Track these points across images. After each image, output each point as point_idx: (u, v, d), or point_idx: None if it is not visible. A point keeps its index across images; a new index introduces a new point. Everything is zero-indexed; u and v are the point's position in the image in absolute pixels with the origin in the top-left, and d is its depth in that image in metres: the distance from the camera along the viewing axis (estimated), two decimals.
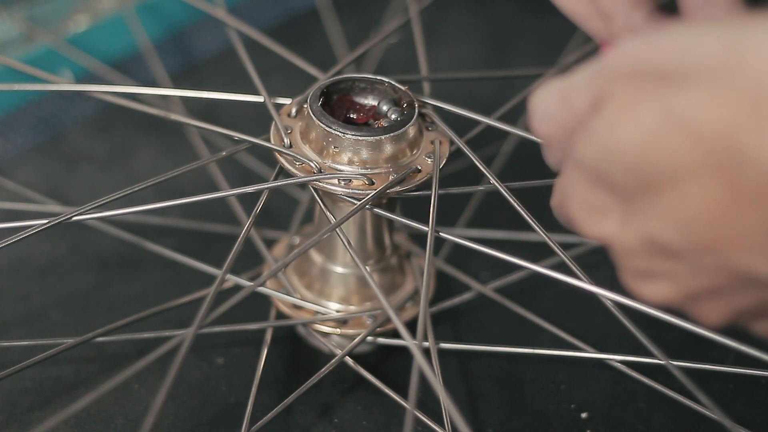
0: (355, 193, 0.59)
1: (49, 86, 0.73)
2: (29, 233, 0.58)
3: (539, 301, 0.71)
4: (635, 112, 0.40)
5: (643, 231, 0.42)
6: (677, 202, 0.40)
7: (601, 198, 0.44)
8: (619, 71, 0.41)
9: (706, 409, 0.61)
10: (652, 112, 0.40)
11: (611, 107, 0.41)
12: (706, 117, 0.38)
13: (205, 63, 0.93)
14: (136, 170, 0.82)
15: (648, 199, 0.41)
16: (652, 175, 0.40)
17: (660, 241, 0.42)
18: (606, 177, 0.42)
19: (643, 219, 0.42)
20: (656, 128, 0.40)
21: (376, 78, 0.62)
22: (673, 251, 0.42)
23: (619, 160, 0.41)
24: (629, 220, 0.43)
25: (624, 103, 0.41)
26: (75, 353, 0.66)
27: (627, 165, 0.41)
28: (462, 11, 1.01)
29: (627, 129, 0.40)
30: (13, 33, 0.86)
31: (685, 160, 0.39)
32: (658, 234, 0.42)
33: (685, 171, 0.40)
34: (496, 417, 0.65)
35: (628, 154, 0.41)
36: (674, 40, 0.40)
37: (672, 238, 0.41)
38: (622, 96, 0.41)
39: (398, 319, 0.53)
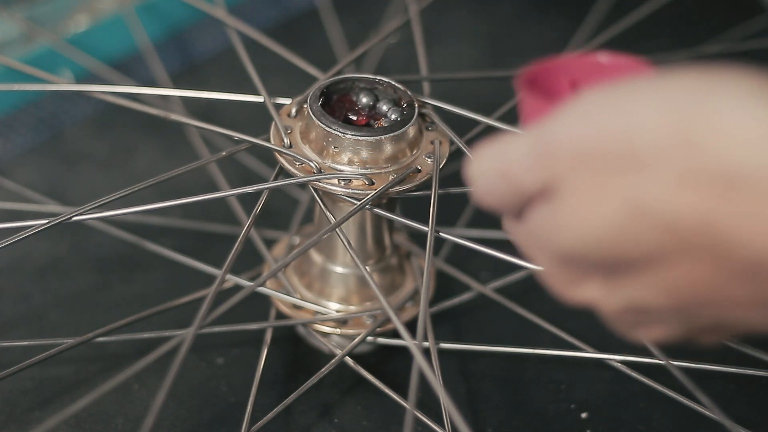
0: (355, 193, 0.59)
1: (49, 86, 0.73)
2: (29, 233, 0.58)
3: (539, 301, 0.71)
4: (596, 205, 0.39)
5: (627, 298, 0.42)
6: (659, 278, 0.40)
7: (574, 274, 0.43)
8: (564, 156, 0.40)
9: (706, 409, 0.61)
10: (613, 204, 0.39)
11: (570, 199, 0.40)
12: (673, 206, 0.37)
13: (205, 63, 0.93)
14: (136, 170, 0.82)
15: (627, 275, 0.41)
16: (626, 259, 0.40)
17: (647, 306, 0.41)
18: (576, 261, 0.41)
19: (625, 289, 0.41)
20: (621, 220, 0.39)
21: (376, 78, 0.62)
22: (663, 312, 0.41)
23: (590, 250, 0.40)
24: (611, 289, 0.42)
25: (582, 195, 0.39)
26: (75, 353, 0.66)
27: (599, 254, 0.40)
28: (462, 11, 1.01)
29: (592, 223, 0.39)
30: (13, 33, 0.86)
31: (659, 247, 0.38)
32: (645, 301, 0.41)
33: (663, 256, 0.39)
34: (496, 417, 0.65)
35: (599, 245, 0.40)
36: (616, 121, 0.38)
37: (660, 304, 0.41)
38: (577, 187, 0.39)
39: (398, 319, 0.54)
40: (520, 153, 0.41)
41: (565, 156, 0.39)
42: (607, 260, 0.40)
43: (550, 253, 0.43)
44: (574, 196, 0.40)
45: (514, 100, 0.70)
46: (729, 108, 0.36)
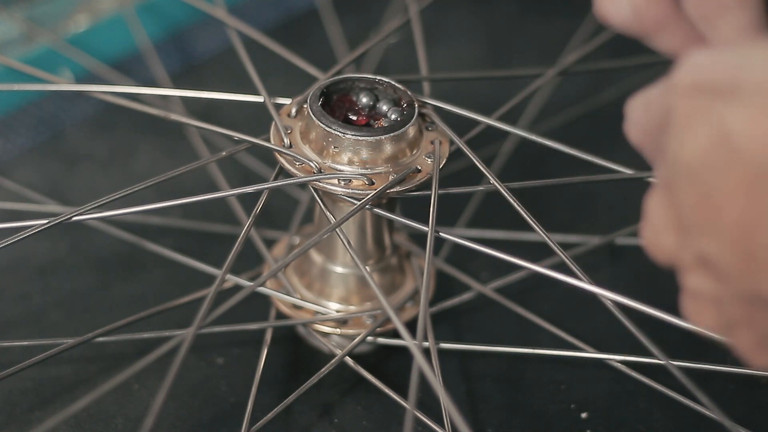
0: (355, 193, 0.59)
1: (49, 86, 0.73)
2: (29, 233, 0.58)
3: (539, 301, 0.71)
4: (692, 128, 0.41)
5: (696, 248, 0.43)
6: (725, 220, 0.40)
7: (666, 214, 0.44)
8: (682, 84, 0.42)
9: (706, 409, 0.61)
10: (705, 128, 0.40)
11: (675, 122, 0.42)
12: (748, 134, 0.39)
13: (205, 63, 0.93)
14: (136, 170, 0.82)
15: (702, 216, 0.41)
16: (706, 192, 0.41)
17: (709, 259, 0.42)
18: (673, 192, 0.43)
19: (696, 237, 0.42)
20: (708, 144, 0.40)
21: (376, 78, 0.62)
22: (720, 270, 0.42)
23: (681, 175, 0.42)
24: (685, 236, 0.43)
25: (683, 118, 0.41)
26: (75, 353, 0.66)
27: (687, 181, 0.41)
28: (462, 11, 1.01)
29: (686, 145, 0.41)
30: (13, 33, 0.86)
31: (729, 177, 0.40)
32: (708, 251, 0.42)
33: (730, 189, 0.40)
34: (496, 417, 0.65)
35: (688, 169, 0.41)
36: (731, 58, 0.40)
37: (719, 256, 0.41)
38: (682, 110, 0.42)
39: (398, 319, 0.53)
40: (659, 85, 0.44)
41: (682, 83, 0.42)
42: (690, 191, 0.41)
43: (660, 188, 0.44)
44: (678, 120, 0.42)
45: (514, 100, 0.70)
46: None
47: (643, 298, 0.54)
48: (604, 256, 0.76)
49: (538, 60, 0.91)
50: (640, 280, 0.75)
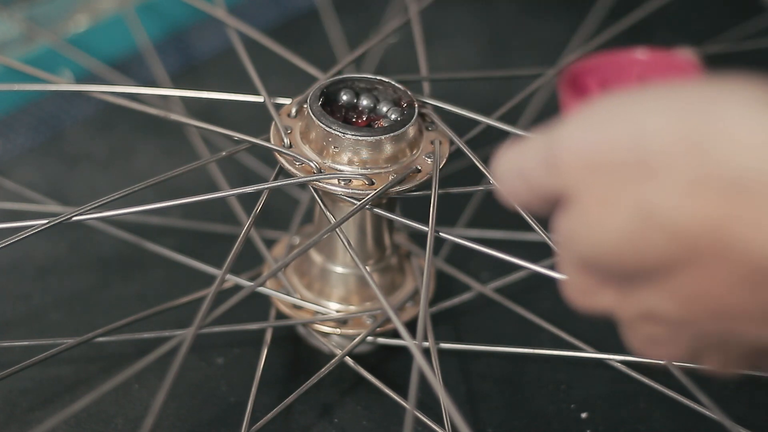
0: (355, 193, 0.59)
1: (49, 86, 0.73)
2: (29, 233, 0.58)
3: (539, 301, 0.71)
4: (607, 213, 0.39)
5: (641, 306, 0.42)
6: (672, 287, 0.40)
7: (592, 281, 0.43)
8: (574, 164, 0.40)
9: (706, 409, 0.61)
10: (624, 211, 0.39)
11: (582, 207, 0.40)
12: (682, 214, 0.38)
13: (205, 63, 0.93)
14: (136, 170, 0.82)
15: (641, 283, 0.41)
16: (640, 268, 0.40)
17: (660, 315, 0.41)
18: (595, 267, 0.42)
19: (639, 297, 0.42)
20: (632, 227, 0.39)
21: (376, 78, 0.62)
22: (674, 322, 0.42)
23: (603, 257, 0.40)
24: (625, 297, 0.42)
25: (593, 203, 0.40)
26: (75, 353, 0.66)
27: (612, 261, 0.40)
28: (462, 11, 1.01)
29: (604, 231, 0.40)
30: (13, 33, 0.86)
31: (670, 254, 0.39)
32: (657, 309, 0.41)
33: (674, 263, 0.39)
34: (496, 417, 0.65)
35: (611, 252, 0.40)
36: (624, 129, 0.39)
37: (672, 313, 0.41)
38: (588, 194, 0.40)
39: (398, 319, 0.54)
40: (534, 157, 0.42)
41: (575, 164, 0.40)
42: (619, 268, 0.40)
43: (570, 259, 0.43)
44: (585, 203, 0.40)
45: (514, 100, 0.70)
46: (736, 114, 0.37)
47: None
48: None
49: (538, 60, 0.91)
50: None
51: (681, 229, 0.38)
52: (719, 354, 0.43)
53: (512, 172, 0.44)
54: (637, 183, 0.38)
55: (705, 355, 0.44)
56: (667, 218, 0.38)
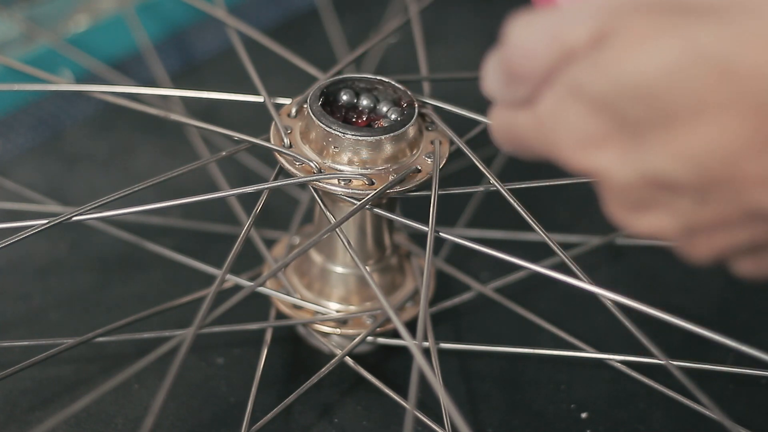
0: (355, 193, 0.59)
1: (49, 86, 0.73)
2: (29, 233, 0.58)
3: (539, 301, 0.71)
4: (655, 43, 0.39)
5: (646, 165, 0.41)
6: (694, 137, 0.39)
7: (599, 129, 0.42)
8: (629, 6, 0.39)
9: (706, 409, 0.61)
10: (674, 44, 0.38)
11: (625, 39, 0.39)
12: (740, 54, 0.37)
13: (205, 63, 0.93)
14: (136, 170, 0.82)
15: (658, 132, 0.40)
16: (670, 107, 0.39)
17: (665, 177, 0.40)
18: (613, 108, 0.41)
19: (648, 153, 0.41)
20: (680, 60, 0.38)
21: (376, 78, 0.62)
22: (679, 186, 0.41)
23: (633, 90, 0.39)
24: (631, 153, 0.41)
25: (642, 35, 0.39)
26: (75, 353, 0.66)
27: (642, 96, 0.39)
28: (462, 11, 1.01)
29: (646, 60, 0.39)
30: (13, 33, 0.86)
31: (710, 93, 0.38)
32: (665, 169, 0.40)
33: (710, 105, 0.38)
34: (496, 417, 0.65)
35: (646, 84, 0.39)
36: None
37: (681, 174, 0.40)
38: (638, 28, 0.39)
39: (398, 319, 0.53)
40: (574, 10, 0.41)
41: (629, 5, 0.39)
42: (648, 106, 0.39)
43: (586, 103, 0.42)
44: (631, 36, 0.39)
45: None
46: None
47: (643, 298, 0.54)
48: (604, 256, 0.76)
49: None
50: (640, 280, 0.75)
51: (734, 70, 0.37)
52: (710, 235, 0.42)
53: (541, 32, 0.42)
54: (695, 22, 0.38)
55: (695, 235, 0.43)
56: (722, 58, 0.37)
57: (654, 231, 0.43)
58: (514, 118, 0.46)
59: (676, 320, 0.54)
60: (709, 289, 0.74)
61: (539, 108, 0.44)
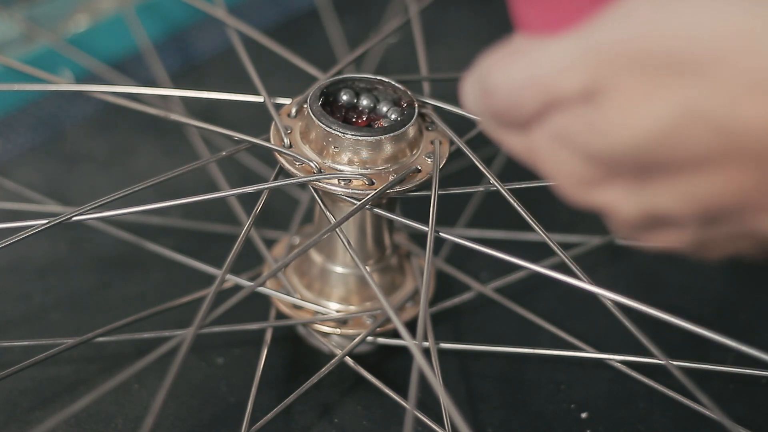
0: (355, 193, 0.59)
1: (49, 86, 0.73)
2: (29, 233, 0.58)
3: (539, 301, 0.71)
4: (648, 106, 0.38)
5: (650, 204, 0.41)
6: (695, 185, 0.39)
7: (597, 174, 0.42)
8: (615, 61, 0.39)
9: (706, 409, 0.61)
10: (667, 105, 0.38)
11: (618, 101, 0.39)
12: (733, 110, 0.37)
13: (205, 63, 0.93)
14: (136, 170, 0.82)
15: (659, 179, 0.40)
16: (669, 162, 0.39)
17: (670, 214, 0.41)
18: (609, 161, 0.41)
19: (651, 195, 0.41)
20: (674, 121, 0.38)
21: (376, 78, 0.62)
22: (685, 220, 0.41)
23: (629, 150, 0.39)
24: (633, 194, 0.41)
25: (633, 98, 0.39)
26: (75, 353, 0.66)
27: (640, 153, 0.39)
28: (462, 11, 1.01)
29: (641, 123, 0.39)
30: (13, 33, 0.86)
31: (708, 150, 0.38)
32: (669, 208, 0.40)
33: (709, 159, 0.38)
34: (496, 417, 0.65)
35: (643, 146, 0.39)
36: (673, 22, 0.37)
37: (685, 212, 0.40)
38: (628, 89, 0.39)
39: (398, 319, 0.53)
40: (561, 60, 0.40)
41: (617, 60, 0.39)
42: (647, 163, 0.39)
43: (580, 154, 0.41)
44: (624, 97, 0.39)
45: None
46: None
47: (643, 298, 0.54)
48: (604, 256, 0.76)
49: None
50: (640, 280, 0.75)
51: (730, 127, 0.37)
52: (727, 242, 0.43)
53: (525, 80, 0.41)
54: (685, 78, 0.37)
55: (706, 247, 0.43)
56: (716, 114, 0.37)
57: (665, 245, 0.44)
58: (505, 136, 0.45)
59: (676, 320, 0.54)
60: (709, 289, 0.74)
61: (531, 140, 0.44)
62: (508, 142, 0.45)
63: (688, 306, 0.73)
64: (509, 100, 0.42)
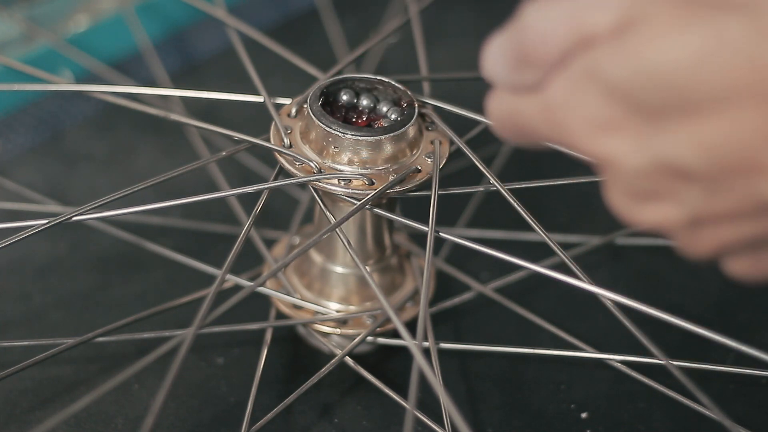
0: (355, 193, 0.59)
1: (49, 86, 0.73)
2: (29, 233, 0.58)
3: (539, 301, 0.71)
4: (682, 33, 0.38)
5: (660, 153, 0.40)
6: (712, 126, 0.39)
7: (614, 114, 0.41)
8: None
9: (706, 409, 0.61)
10: (702, 34, 0.38)
11: (651, 28, 0.39)
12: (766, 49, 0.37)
13: (205, 63, 0.93)
14: (136, 170, 0.82)
15: (675, 120, 0.40)
16: (691, 96, 0.39)
17: (680, 165, 0.40)
18: (631, 94, 0.40)
19: (663, 140, 0.40)
20: (706, 50, 0.38)
21: (376, 78, 0.62)
22: (693, 175, 0.40)
23: (655, 78, 0.39)
24: (646, 140, 0.41)
25: (668, 24, 0.38)
26: (75, 353, 0.66)
27: (664, 84, 0.39)
28: (462, 11, 1.01)
29: (672, 48, 0.38)
30: (13, 33, 0.86)
31: (734, 85, 0.38)
32: (680, 156, 0.40)
33: (732, 96, 0.38)
34: (496, 417, 0.65)
35: (670, 73, 0.39)
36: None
37: (695, 162, 0.40)
38: (664, 17, 0.39)
39: (398, 319, 0.53)
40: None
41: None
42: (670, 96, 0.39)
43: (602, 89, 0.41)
44: (657, 25, 0.39)
45: None
46: None
47: (643, 298, 0.54)
48: (604, 256, 0.76)
49: None
50: (640, 280, 0.75)
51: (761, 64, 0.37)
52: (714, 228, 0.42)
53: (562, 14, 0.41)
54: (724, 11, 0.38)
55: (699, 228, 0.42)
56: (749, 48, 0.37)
57: (657, 222, 0.43)
58: (519, 103, 0.45)
59: (676, 320, 0.54)
60: (709, 289, 0.74)
61: (549, 93, 0.43)
62: (520, 107, 0.45)
63: (688, 306, 0.73)
64: (541, 35, 0.42)
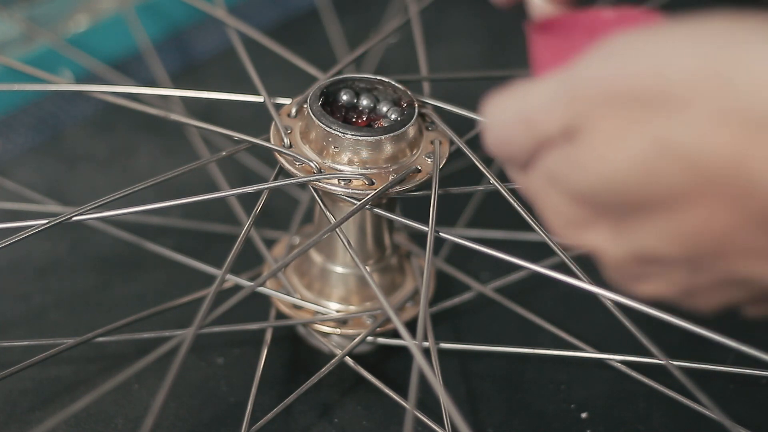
0: (355, 193, 0.59)
1: (49, 86, 0.73)
2: (29, 233, 0.58)
3: (539, 301, 0.71)
4: (623, 143, 0.39)
5: (636, 245, 0.42)
6: (675, 223, 0.40)
7: (583, 214, 0.43)
8: (592, 98, 0.40)
9: (706, 409, 0.61)
10: (641, 142, 0.39)
11: (593, 137, 0.40)
12: (703, 145, 0.37)
13: (205, 63, 0.93)
14: (136, 170, 0.82)
15: (644, 217, 0.41)
16: (649, 199, 0.40)
17: (657, 255, 0.41)
18: (593, 199, 0.41)
19: (637, 234, 0.41)
20: (649, 158, 0.39)
21: (376, 78, 0.62)
22: (672, 261, 0.41)
23: (608, 186, 0.40)
24: (620, 234, 0.42)
25: (609, 134, 0.39)
26: (75, 353, 0.66)
27: (620, 190, 0.40)
28: (462, 11, 1.01)
29: (618, 160, 0.39)
30: (13, 33, 0.86)
31: (684, 187, 0.38)
32: (653, 249, 0.41)
33: (684, 196, 0.39)
34: (496, 417, 0.65)
35: (622, 183, 0.40)
36: (647, 61, 0.38)
37: (669, 252, 0.41)
38: (604, 126, 0.39)
39: (398, 319, 0.53)
40: (544, 97, 0.41)
41: (594, 97, 0.40)
42: (626, 200, 0.40)
43: (565, 193, 0.42)
44: (600, 134, 0.40)
45: None
46: (760, 49, 0.36)
47: None
48: None
49: None
50: None
51: (701, 162, 0.38)
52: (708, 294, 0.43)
53: (513, 117, 0.43)
54: (658, 114, 0.38)
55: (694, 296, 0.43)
56: (687, 150, 0.38)
57: (655, 296, 0.44)
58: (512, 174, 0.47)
59: (676, 320, 0.54)
60: None
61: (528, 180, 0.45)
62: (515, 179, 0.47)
63: None
64: (501, 138, 0.44)
